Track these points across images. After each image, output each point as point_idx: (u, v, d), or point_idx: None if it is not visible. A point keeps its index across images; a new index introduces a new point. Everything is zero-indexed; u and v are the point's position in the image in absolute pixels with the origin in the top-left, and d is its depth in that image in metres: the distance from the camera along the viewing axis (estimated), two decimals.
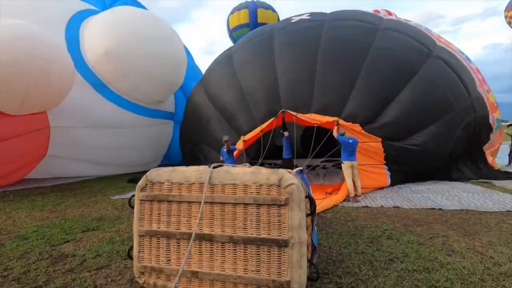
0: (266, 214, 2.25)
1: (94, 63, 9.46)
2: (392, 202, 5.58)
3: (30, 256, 3.43)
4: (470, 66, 8.81)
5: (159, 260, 2.50)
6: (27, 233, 4.26)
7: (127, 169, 10.96)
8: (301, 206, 2.21)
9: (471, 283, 2.58)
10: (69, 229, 4.39)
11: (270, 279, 2.19)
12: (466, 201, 5.44)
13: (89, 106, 9.33)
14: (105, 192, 7.35)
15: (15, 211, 5.64)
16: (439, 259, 3.05)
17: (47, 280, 2.85)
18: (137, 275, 2.57)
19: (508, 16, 23.57)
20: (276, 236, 2.21)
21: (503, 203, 5.25)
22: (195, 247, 2.40)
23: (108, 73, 9.58)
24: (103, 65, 9.44)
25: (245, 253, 2.27)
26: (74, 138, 9.32)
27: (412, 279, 2.66)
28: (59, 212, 5.49)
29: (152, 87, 10.32)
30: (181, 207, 2.48)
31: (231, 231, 2.31)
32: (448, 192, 6.27)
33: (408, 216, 4.66)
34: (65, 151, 9.48)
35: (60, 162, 9.66)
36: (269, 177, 2.28)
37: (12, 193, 7.52)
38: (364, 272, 2.81)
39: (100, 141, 9.79)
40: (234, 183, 2.34)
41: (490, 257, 3.06)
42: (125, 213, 5.29)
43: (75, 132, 9.29)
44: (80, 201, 6.37)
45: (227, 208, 2.34)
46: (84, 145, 9.60)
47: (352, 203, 5.63)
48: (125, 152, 10.51)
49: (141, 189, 2.61)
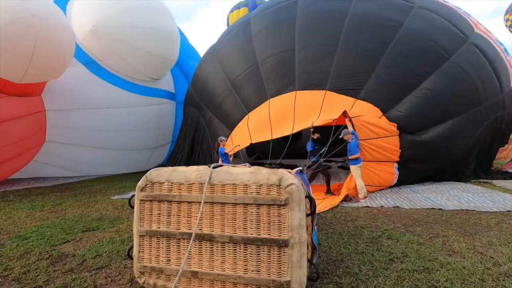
0: (266, 214, 2.26)
1: (83, 40, 9.10)
2: (392, 202, 5.57)
3: (30, 256, 3.43)
4: (508, 59, 8.11)
5: (159, 260, 2.50)
6: (27, 233, 4.26)
7: (130, 154, 10.45)
8: (301, 206, 2.21)
9: (471, 283, 2.58)
10: (69, 229, 4.39)
11: (270, 279, 2.19)
12: (466, 201, 5.44)
13: (83, 86, 9.09)
14: (105, 192, 7.34)
15: (15, 211, 5.64)
16: (439, 259, 3.05)
17: (47, 280, 2.85)
18: (137, 275, 2.58)
19: (510, 19, 23.42)
20: (276, 236, 2.21)
21: (503, 203, 5.25)
22: (195, 247, 2.40)
23: (97, 50, 9.30)
24: (91, 42, 9.16)
25: (245, 253, 2.27)
26: (71, 121, 9.07)
27: (412, 279, 2.66)
28: (59, 212, 5.49)
29: (144, 63, 9.91)
30: (181, 207, 2.48)
31: (231, 231, 2.31)
32: (448, 192, 6.26)
33: (408, 216, 4.66)
34: (63, 135, 9.21)
35: (59, 149, 9.35)
36: (269, 177, 2.28)
37: (12, 193, 7.52)
38: (364, 272, 2.81)
39: (98, 123, 9.45)
40: (234, 183, 2.34)
41: (490, 257, 3.06)
42: (125, 213, 5.29)
43: (72, 115, 9.04)
44: (80, 201, 6.37)
45: (227, 208, 2.34)
46: (82, 128, 9.30)
47: (352, 203, 5.62)
48: (126, 133, 10.02)
49: (141, 189, 2.61)
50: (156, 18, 9.97)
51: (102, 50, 9.33)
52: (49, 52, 7.04)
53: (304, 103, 7.04)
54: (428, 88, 6.72)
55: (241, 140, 7.29)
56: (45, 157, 9.40)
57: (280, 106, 7.33)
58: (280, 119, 7.04)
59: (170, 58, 10.83)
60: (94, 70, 9.41)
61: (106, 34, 9.11)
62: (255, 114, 7.65)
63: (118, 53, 9.44)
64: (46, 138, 8.99)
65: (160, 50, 10.11)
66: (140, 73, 10.07)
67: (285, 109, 7.16)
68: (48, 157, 9.46)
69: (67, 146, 9.47)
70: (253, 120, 7.58)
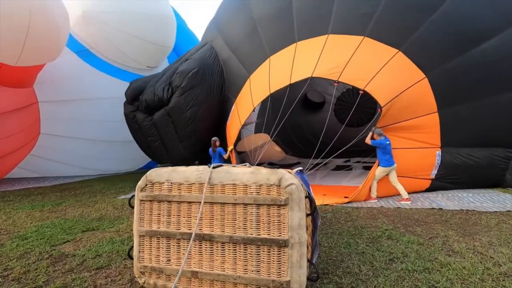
0: (266, 214, 2.26)
1: (73, 26, 8.65)
2: (392, 202, 5.57)
3: (30, 256, 3.43)
4: None
5: (159, 260, 2.50)
6: (27, 233, 4.26)
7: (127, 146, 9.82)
8: (301, 206, 2.21)
9: (471, 283, 2.58)
10: (69, 229, 4.39)
11: (270, 279, 2.19)
12: (466, 201, 5.43)
13: (75, 76, 8.82)
14: (105, 192, 7.35)
15: (15, 211, 5.64)
16: (439, 259, 3.05)
17: (47, 280, 2.85)
18: (138, 275, 2.58)
19: None
20: (276, 236, 2.21)
21: (503, 203, 5.25)
22: (195, 247, 2.40)
23: (89, 37, 8.97)
24: (82, 28, 8.83)
25: (245, 253, 2.27)
26: (64, 112, 8.85)
27: (412, 279, 2.66)
28: (59, 212, 5.49)
29: (138, 51, 9.50)
30: (181, 207, 2.48)
31: (231, 231, 2.31)
32: (448, 192, 6.26)
33: (408, 216, 4.66)
34: (58, 127, 8.98)
35: (54, 141, 9.15)
36: (269, 177, 2.28)
37: (12, 193, 7.52)
38: (364, 272, 2.81)
39: (92, 114, 9.15)
40: (234, 183, 2.35)
41: (490, 257, 3.06)
42: (125, 213, 5.29)
43: (65, 106, 8.81)
44: (80, 201, 6.37)
45: (227, 208, 2.35)
46: (76, 119, 9.06)
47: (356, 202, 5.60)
48: (122, 124, 9.15)
49: (141, 189, 2.61)
50: (150, 2, 9.54)
51: (93, 37, 8.97)
52: (44, 28, 6.69)
53: (337, 47, 6.40)
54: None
55: (260, 94, 6.82)
56: (41, 151, 9.20)
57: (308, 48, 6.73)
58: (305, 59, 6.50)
59: (165, 45, 10.31)
60: (86, 58, 9.09)
61: (96, 20, 8.74)
62: (278, 57, 7.02)
63: (110, 40, 9.06)
64: (41, 130, 8.82)
65: (154, 36, 9.64)
66: (135, 61, 9.65)
67: (312, 51, 6.57)
68: (44, 150, 9.25)
69: (63, 139, 9.25)
70: (274, 62, 7.08)
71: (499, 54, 5.83)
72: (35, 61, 7.41)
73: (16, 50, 6.59)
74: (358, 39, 6.22)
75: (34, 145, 9.08)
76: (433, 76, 5.90)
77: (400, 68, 5.93)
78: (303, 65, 6.41)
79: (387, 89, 5.82)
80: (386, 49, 6.04)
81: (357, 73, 5.92)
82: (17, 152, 8.69)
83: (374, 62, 5.95)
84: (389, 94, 5.77)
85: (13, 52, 6.63)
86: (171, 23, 10.39)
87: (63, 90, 8.78)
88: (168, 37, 10.35)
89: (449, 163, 6.08)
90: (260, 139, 8.64)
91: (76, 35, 9.02)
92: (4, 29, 6.16)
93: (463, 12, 5.93)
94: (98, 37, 9.07)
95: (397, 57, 5.96)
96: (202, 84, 7.85)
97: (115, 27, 9.00)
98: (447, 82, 5.89)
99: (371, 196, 5.74)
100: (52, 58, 7.77)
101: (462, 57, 5.89)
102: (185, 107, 7.61)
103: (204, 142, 7.77)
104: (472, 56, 5.87)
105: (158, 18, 9.77)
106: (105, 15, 8.83)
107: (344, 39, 6.43)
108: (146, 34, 9.42)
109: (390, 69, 5.88)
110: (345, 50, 6.19)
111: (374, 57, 6.02)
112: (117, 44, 9.25)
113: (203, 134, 7.96)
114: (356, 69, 5.94)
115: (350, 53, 6.08)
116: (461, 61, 5.89)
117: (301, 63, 6.52)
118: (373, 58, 6.02)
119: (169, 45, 10.55)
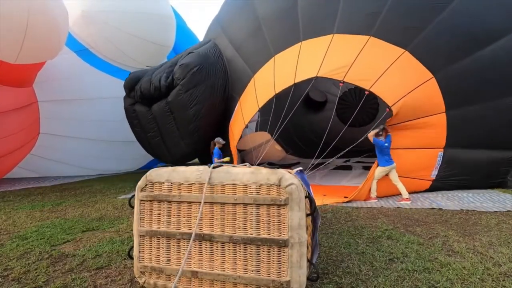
0: (266, 214, 2.26)
1: (73, 26, 8.67)
2: (392, 202, 5.57)
3: (30, 256, 3.43)
4: None
5: (159, 260, 2.50)
6: (27, 233, 4.26)
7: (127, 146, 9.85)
8: (301, 206, 2.21)
9: (471, 283, 2.58)
10: (69, 229, 4.39)
11: (270, 279, 2.19)
12: (466, 201, 5.43)
13: (74, 75, 8.83)
14: (105, 192, 7.35)
15: (15, 211, 5.64)
16: (439, 259, 3.05)
17: (47, 280, 2.85)
18: (138, 275, 2.58)
19: None
20: (276, 236, 2.21)
21: (503, 203, 5.25)
22: (195, 247, 2.40)
23: (88, 36, 8.99)
24: (82, 28, 8.84)
25: (245, 253, 2.27)
26: (64, 112, 8.84)
27: (412, 279, 2.66)
28: (59, 212, 5.49)
29: (137, 50, 9.51)
30: (181, 207, 2.48)
31: (231, 231, 2.32)
32: (448, 192, 6.25)
33: (408, 216, 4.66)
34: (58, 127, 8.98)
35: (54, 141, 9.15)
36: (269, 177, 2.28)
37: (12, 193, 7.52)
38: (364, 272, 2.81)
39: (92, 113, 9.14)
40: (234, 183, 2.35)
41: (490, 257, 3.06)
42: (125, 213, 5.29)
43: (65, 105, 8.81)
44: (80, 201, 6.37)
45: (227, 208, 2.35)
46: (76, 119, 9.02)
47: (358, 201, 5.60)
48: (122, 124, 9.06)
49: (141, 189, 2.61)
50: (150, 1, 9.58)
51: (93, 36, 8.99)
52: (44, 24, 6.63)
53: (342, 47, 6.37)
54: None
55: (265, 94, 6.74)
56: (41, 150, 9.21)
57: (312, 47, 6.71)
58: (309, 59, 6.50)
59: (165, 45, 10.33)
60: (86, 58, 9.11)
61: (96, 19, 8.76)
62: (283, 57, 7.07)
63: (110, 40, 9.09)
64: (40, 130, 8.82)
65: (154, 36, 9.67)
66: (134, 60, 9.65)
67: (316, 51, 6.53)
68: (44, 150, 9.25)
69: (62, 138, 9.25)
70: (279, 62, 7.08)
71: (508, 56, 5.77)
72: (34, 58, 7.39)
73: (15, 47, 6.56)
74: (364, 38, 6.18)
75: (34, 144, 9.08)
76: (441, 77, 5.86)
77: (407, 68, 5.89)
78: (308, 65, 6.39)
79: (394, 88, 5.79)
80: (393, 49, 6.00)
81: (362, 73, 5.88)
82: (17, 152, 8.68)
83: (381, 62, 5.93)
84: (396, 93, 5.73)
85: (12, 50, 6.60)
86: (171, 22, 10.44)
87: (62, 89, 8.80)
88: (168, 36, 10.39)
89: (451, 164, 6.07)
90: (261, 137, 8.63)
91: (76, 34, 9.04)
92: (1, 27, 6.13)
93: (472, 12, 5.86)
94: (98, 37, 9.10)
95: (404, 57, 5.92)
96: (206, 81, 7.81)
97: (114, 27, 9.03)
98: (455, 83, 5.84)
99: (371, 196, 5.74)
100: (52, 56, 7.76)
101: (470, 58, 5.82)
102: (189, 105, 7.58)
103: (206, 139, 7.75)
104: (481, 57, 5.80)
105: (158, 17, 9.82)
106: (105, 15, 8.86)
107: (349, 38, 6.38)
108: (146, 33, 9.46)
109: (397, 69, 5.84)
110: (351, 50, 6.15)
111: (380, 57, 5.99)
112: (117, 43, 9.28)
113: (205, 132, 7.93)
114: (362, 69, 5.90)
115: (356, 53, 6.04)
116: (469, 62, 5.83)
117: (306, 62, 6.50)
118: (379, 58, 5.98)
119: (169, 44, 10.60)
